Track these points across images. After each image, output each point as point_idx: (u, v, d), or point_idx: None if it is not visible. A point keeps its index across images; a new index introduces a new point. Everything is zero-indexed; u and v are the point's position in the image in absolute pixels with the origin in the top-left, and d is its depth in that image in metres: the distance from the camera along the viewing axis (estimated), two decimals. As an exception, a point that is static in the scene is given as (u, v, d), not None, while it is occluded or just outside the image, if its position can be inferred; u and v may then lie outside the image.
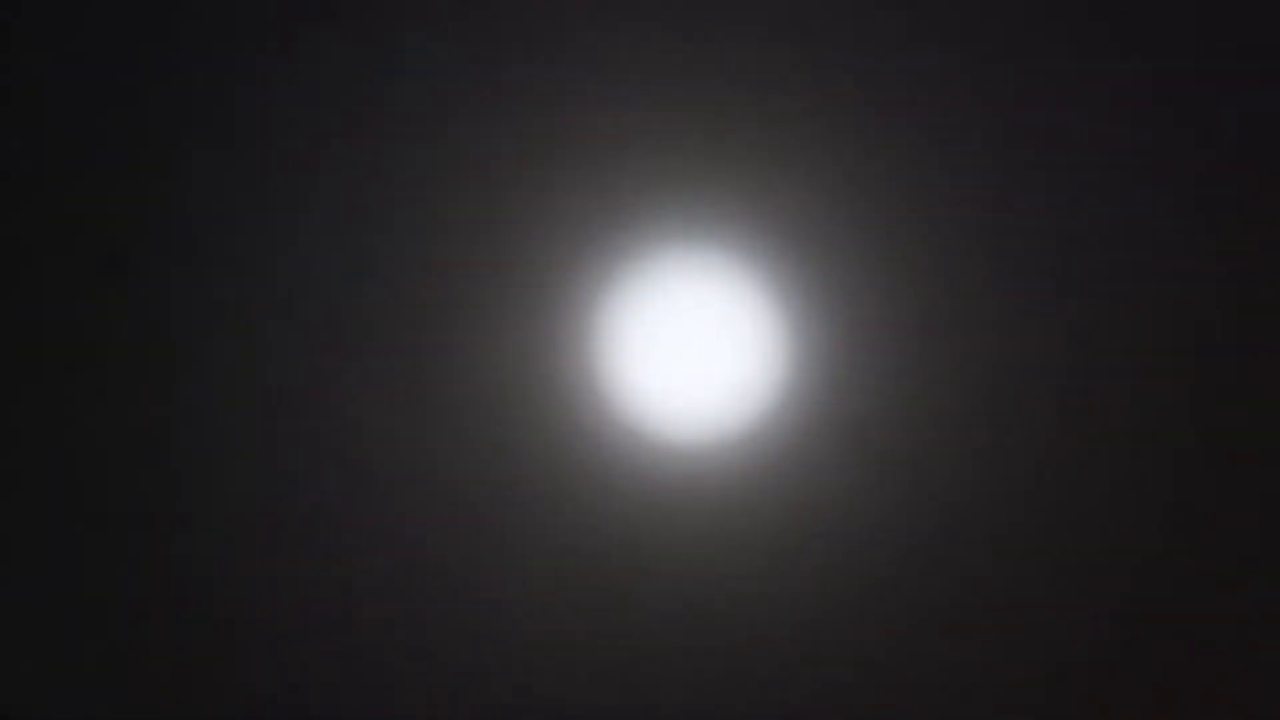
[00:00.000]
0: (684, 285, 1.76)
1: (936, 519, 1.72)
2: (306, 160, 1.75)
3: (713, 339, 1.75)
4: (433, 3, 1.76)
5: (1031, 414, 1.73)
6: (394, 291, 1.75)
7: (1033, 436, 1.73)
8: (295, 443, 1.74)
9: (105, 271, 1.73)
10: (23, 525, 1.74)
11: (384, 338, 1.75)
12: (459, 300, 1.75)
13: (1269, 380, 1.73)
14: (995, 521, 1.73)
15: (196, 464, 1.74)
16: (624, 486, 1.74)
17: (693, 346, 1.75)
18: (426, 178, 1.76)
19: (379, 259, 1.75)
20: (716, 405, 1.74)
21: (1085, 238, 1.74)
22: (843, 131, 1.75)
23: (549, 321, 1.75)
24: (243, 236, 1.74)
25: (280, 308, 1.74)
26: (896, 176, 1.75)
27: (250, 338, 1.74)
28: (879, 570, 1.73)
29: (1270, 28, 1.75)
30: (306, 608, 1.73)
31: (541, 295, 1.75)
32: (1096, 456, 1.73)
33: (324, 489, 1.74)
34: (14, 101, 1.76)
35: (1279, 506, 1.73)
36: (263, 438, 1.74)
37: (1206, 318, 1.73)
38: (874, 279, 1.75)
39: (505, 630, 1.73)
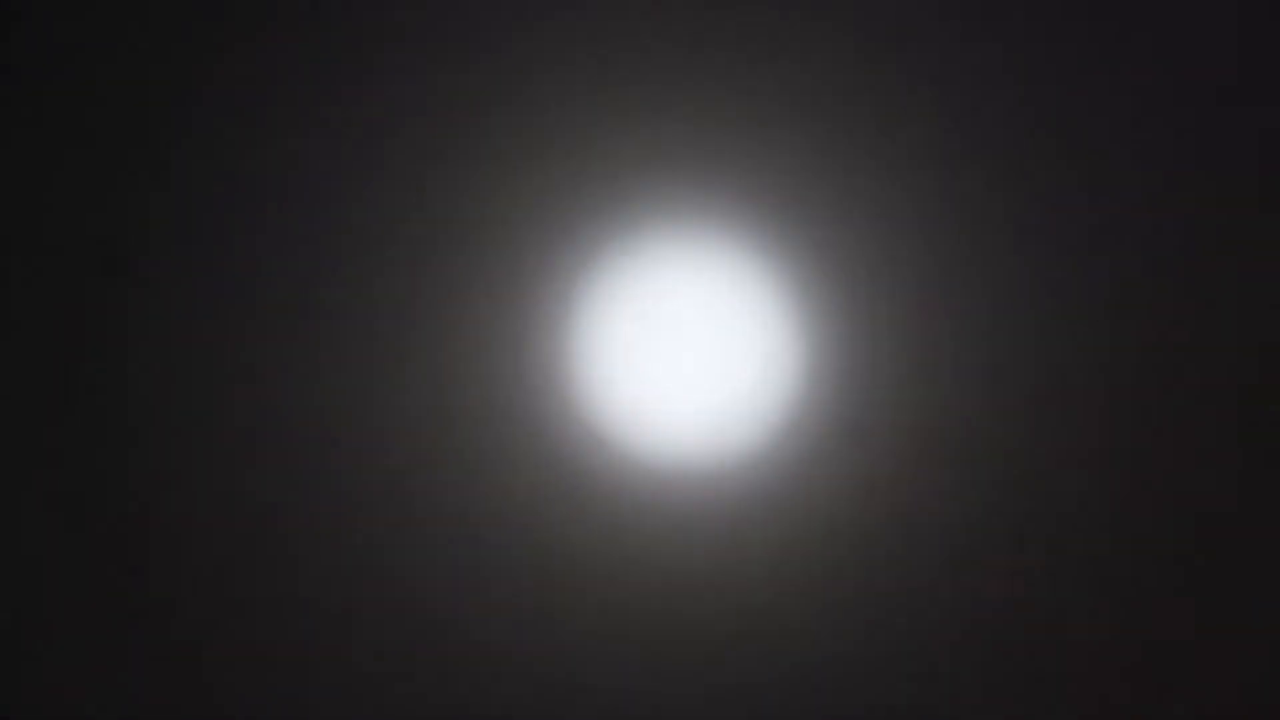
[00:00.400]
0: (682, 281, 1.75)
1: (958, 533, 1.73)
2: (291, 154, 1.76)
3: (713, 342, 1.74)
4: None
5: (1058, 420, 1.73)
6: (393, 291, 1.75)
7: (1058, 443, 1.73)
8: (280, 443, 1.75)
9: (105, 272, 1.76)
10: (21, 524, 1.76)
11: (375, 339, 1.75)
12: (440, 302, 1.75)
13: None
14: (1021, 532, 1.73)
15: (189, 463, 1.76)
16: (613, 508, 1.73)
17: (691, 350, 1.74)
18: (417, 170, 1.76)
19: (371, 257, 1.76)
20: (717, 418, 1.73)
21: (1114, 239, 1.75)
22: (861, 113, 1.75)
23: (532, 324, 1.75)
24: (221, 239, 1.76)
25: (255, 303, 1.76)
26: (919, 162, 1.75)
27: (228, 336, 1.76)
28: (893, 597, 1.72)
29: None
30: (279, 617, 1.74)
31: (522, 293, 1.75)
32: (1127, 464, 1.73)
33: (304, 496, 1.75)
34: (13, 101, 1.79)
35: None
36: (249, 436, 1.76)
37: (1237, 320, 1.74)
38: (894, 273, 1.74)
39: (480, 659, 1.74)
